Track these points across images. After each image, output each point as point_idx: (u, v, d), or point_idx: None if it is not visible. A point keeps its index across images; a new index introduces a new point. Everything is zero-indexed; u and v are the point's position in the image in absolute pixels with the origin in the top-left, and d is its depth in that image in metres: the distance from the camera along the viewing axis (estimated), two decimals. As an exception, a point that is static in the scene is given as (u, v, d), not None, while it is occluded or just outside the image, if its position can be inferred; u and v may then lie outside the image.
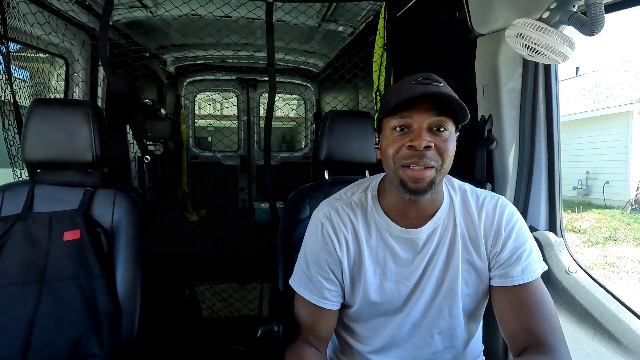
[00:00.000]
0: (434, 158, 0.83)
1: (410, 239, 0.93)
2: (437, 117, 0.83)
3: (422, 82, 0.85)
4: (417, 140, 0.82)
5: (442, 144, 0.83)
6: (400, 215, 0.94)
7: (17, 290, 1.12)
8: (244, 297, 2.12)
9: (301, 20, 2.24)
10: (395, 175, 0.86)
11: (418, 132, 0.83)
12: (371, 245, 0.94)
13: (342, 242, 0.94)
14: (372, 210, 0.96)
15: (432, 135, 0.83)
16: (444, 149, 0.83)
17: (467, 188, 0.98)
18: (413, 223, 0.93)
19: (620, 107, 8.53)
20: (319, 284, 0.94)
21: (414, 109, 0.83)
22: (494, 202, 0.95)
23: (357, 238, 0.94)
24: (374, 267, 0.94)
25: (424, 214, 0.93)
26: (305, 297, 0.95)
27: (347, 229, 0.95)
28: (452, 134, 0.86)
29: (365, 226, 0.95)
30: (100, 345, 1.12)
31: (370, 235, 0.94)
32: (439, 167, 0.84)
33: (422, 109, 0.83)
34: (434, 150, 0.83)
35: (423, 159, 0.82)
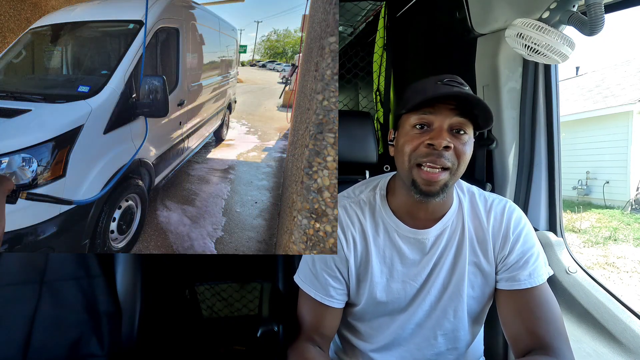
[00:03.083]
0: (451, 159, 0.83)
1: (418, 239, 0.93)
2: (459, 118, 0.83)
3: (448, 83, 0.85)
4: (437, 139, 0.81)
5: (460, 147, 0.83)
6: (408, 216, 0.93)
7: (17, 290, 1.11)
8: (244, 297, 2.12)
9: (301, 20, 2.23)
10: (408, 175, 0.86)
11: (439, 131, 0.83)
12: (378, 244, 0.94)
13: (350, 240, 0.94)
14: (380, 210, 0.95)
15: (451, 136, 0.83)
16: (461, 152, 0.83)
17: (475, 191, 0.99)
18: (421, 224, 0.93)
19: (620, 107, 8.53)
20: (325, 281, 0.94)
21: (437, 108, 0.83)
22: (502, 206, 0.95)
23: (364, 237, 0.94)
24: (381, 266, 0.93)
25: (433, 215, 0.93)
26: (310, 294, 0.95)
27: (354, 227, 0.95)
28: (471, 138, 0.86)
29: (373, 225, 0.95)
30: (100, 345, 1.12)
31: (377, 235, 0.94)
32: (454, 169, 0.84)
33: (444, 109, 0.83)
34: (452, 152, 0.83)
35: (440, 159, 0.82)
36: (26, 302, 1.11)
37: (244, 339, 1.20)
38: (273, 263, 1.28)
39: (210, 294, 1.35)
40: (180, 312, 1.30)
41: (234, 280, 1.34)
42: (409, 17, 1.93)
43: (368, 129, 1.35)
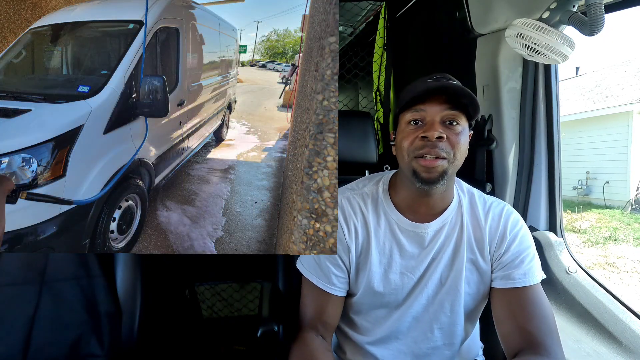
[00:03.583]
0: (446, 149, 0.86)
1: (418, 232, 0.95)
2: (449, 110, 0.87)
3: (436, 79, 0.89)
4: (430, 131, 0.85)
5: (454, 137, 0.87)
6: (410, 209, 0.96)
7: (17, 290, 1.11)
8: (244, 297, 2.12)
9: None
10: (409, 167, 0.89)
11: (431, 124, 0.87)
12: (379, 235, 0.96)
13: (352, 229, 0.96)
14: (382, 202, 0.98)
15: (444, 128, 0.87)
16: (455, 142, 0.87)
17: (475, 192, 1.01)
18: (422, 218, 0.95)
19: (620, 107, 8.53)
20: (327, 269, 0.96)
21: (428, 104, 0.87)
22: (501, 208, 0.98)
23: (366, 227, 0.97)
24: (380, 257, 0.96)
25: (434, 210, 0.95)
26: (313, 282, 0.97)
27: (357, 217, 0.97)
28: (465, 129, 0.89)
29: (375, 217, 0.97)
30: (100, 345, 1.12)
31: (379, 226, 0.97)
32: (450, 158, 0.86)
33: (435, 103, 0.87)
34: (446, 142, 0.86)
35: (435, 149, 0.85)
36: (26, 302, 1.11)
37: (244, 339, 1.20)
38: (273, 263, 1.28)
39: (210, 294, 1.35)
40: (180, 312, 1.30)
41: (234, 280, 1.34)
42: (409, 17, 1.93)
43: (368, 129, 1.35)
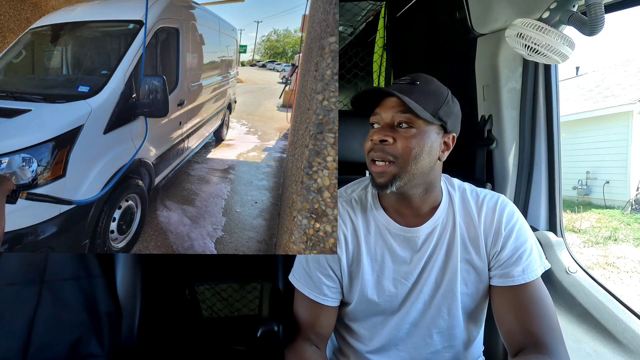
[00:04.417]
0: (393, 153, 0.84)
1: (409, 237, 0.93)
2: (400, 114, 0.84)
3: (398, 82, 0.88)
4: (376, 134, 0.86)
5: (403, 141, 0.84)
6: (397, 213, 0.94)
7: (17, 290, 1.11)
8: (244, 297, 2.12)
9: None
10: (369, 170, 0.89)
11: (381, 127, 0.87)
12: (369, 242, 0.94)
13: (342, 239, 0.94)
14: (371, 208, 0.96)
15: (395, 131, 0.85)
16: (404, 145, 0.84)
17: (467, 187, 0.99)
18: (412, 221, 0.94)
19: (620, 107, 8.53)
20: (319, 280, 0.95)
21: (382, 107, 0.87)
22: (494, 201, 0.95)
23: (356, 235, 0.95)
24: (372, 264, 0.94)
25: (419, 212, 0.93)
26: (304, 293, 0.96)
27: (346, 226, 0.95)
28: (424, 131, 0.85)
29: (365, 223, 0.95)
30: (100, 345, 1.12)
31: (369, 233, 0.95)
32: (399, 162, 0.84)
33: (387, 106, 0.86)
34: (394, 146, 0.84)
35: (380, 153, 0.85)
36: (26, 302, 1.11)
37: (244, 339, 1.20)
38: (273, 263, 1.28)
39: (210, 294, 1.35)
40: (180, 312, 1.30)
41: (234, 280, 1.34)
42: (409, 17, 1.93)
43: (368, 129, 1.35)
